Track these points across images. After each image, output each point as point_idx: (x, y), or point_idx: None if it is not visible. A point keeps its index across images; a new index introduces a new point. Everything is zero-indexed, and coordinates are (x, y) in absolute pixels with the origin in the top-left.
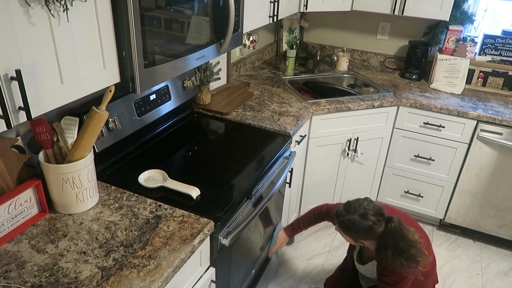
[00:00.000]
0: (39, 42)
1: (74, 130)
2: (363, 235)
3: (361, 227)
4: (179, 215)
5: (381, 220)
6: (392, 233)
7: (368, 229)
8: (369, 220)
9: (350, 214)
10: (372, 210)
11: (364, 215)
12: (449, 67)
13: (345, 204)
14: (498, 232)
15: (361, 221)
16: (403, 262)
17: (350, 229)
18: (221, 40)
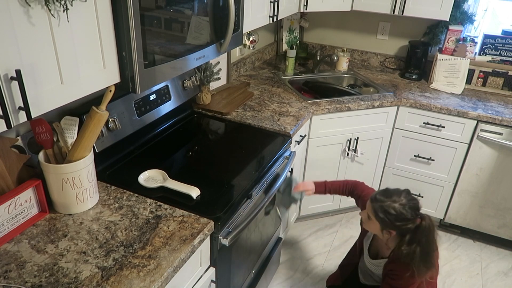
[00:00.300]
0: (39, 42)
1: (74, 130)
2: (394, 226)
3: (397, 217)
4: (179, 215)
5: (417, 215)
6: (425, 231)
7: (404, 220)
8: (408, 213)
9: (391, 201)
10: (412, 202)
11: (404, 205)
12: (449, 67)
13: (385, 190)
14: (498, 232)
15: (401, 211)
16: (420, 265)
17: (385, 216)
18: (221, 40)
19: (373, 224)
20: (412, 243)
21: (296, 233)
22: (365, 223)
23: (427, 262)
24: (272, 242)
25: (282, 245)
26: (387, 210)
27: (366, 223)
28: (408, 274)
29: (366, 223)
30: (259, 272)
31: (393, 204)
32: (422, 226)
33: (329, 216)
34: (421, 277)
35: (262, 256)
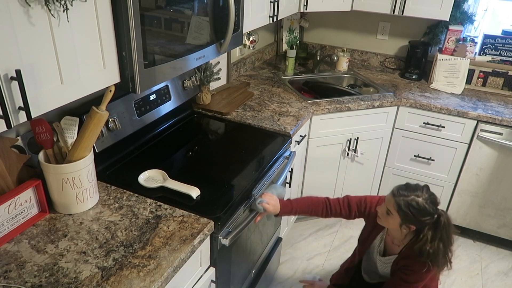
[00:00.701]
0: (39, 42)
1: (74, 130)
2: (415, 220)
3: (420, 211)
4: (179, 215)
5: (437, 210)
6: (445, 226)
7: (426, 215)
8: (430, 207)
9: (415, 196)
10: (432, 197)
11: (426, 200)
12: (449, 67)
13: (406, 185)
14: (498, 232)
15: (424, 205)
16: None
17: (408, 210)
18: (221, 40)
19: (392, 219)
20: (435, 240)
21: (296, 233)
22: (382, 218)
23: (447, 256)
24: (272, 242)
25: (282, 245)
26: (410, 204)
27: (383, 218)
28: (425, 270)
29: (383, 219)
30: (259, 272)
31: (417, 198)
32: (442, 222)
33: None
34: (440, 270)
35: (262, 256)
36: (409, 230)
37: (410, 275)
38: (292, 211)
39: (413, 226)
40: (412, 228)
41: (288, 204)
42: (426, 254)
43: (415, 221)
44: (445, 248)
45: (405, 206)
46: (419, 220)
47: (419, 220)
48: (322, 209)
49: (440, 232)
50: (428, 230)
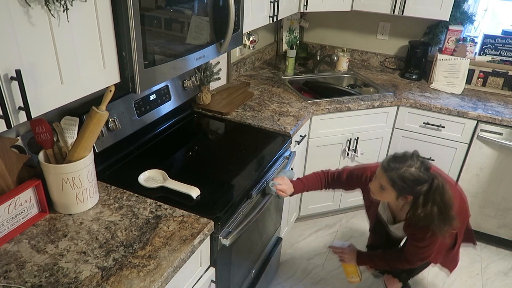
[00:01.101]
0: (39, 42)
1: (74, 130)
2: (412, 190)
3: (416, 181)
4: (179, 215)
5: (431, 175)
6: (438, 189)
7: (421, 183)
8: (424, 174)
9: (407, 167)
10: (424, 163)
11: (419, 168)
12: (449, 67)
13: (393, 157)
14: (498, 232)
15: (418, 174)
16: (441, 223)
17: (403, 183)
18: (221, 40)
19: (387, 193)
20: (427, 204)
21: (296, 233)
22: (376, 194)
23: (446, 219)
24: (272, 242)
25: (282, 245)
26: (405, 176)
27: (378, 193)
28: (429, 235)
29: (378, 194)
30: (259, 272)
31: (410, 169)
32: (435, 185)
33: (329, 216)
34: (443, 233)
35: (262, 256)
36: (407, 200)
37: (418, 241)
38: (304, 189)
39: (410, 196)
40: (409, 198)
41: (300, 183)
42: (419, 219)
43: (411, 191)
44: (441, 212)
45: (399, 179)
46: (416, 190)
47: (415, 190)
48: (321, 182)
49: (432, 195)
50: (421, 198)
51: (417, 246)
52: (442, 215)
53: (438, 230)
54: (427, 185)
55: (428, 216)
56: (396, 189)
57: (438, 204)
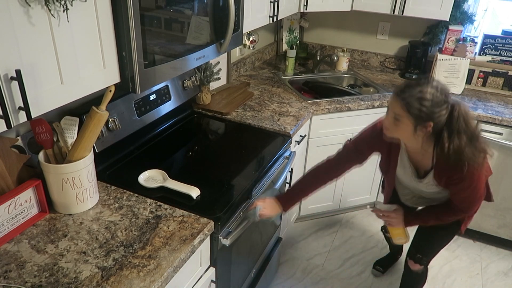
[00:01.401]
0: (39, 42)
1: (74, 130)
2: (431, 115)
3: (434, 102)
4: (179, 215)
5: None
6: (461, 115)
7: (440, 105)
8: (442, 94)
9: (423, 87)
10: (440, 84)
11: (437, 88)
12: (449, 67)
13: (406, 83)
14: (498, 232)
15: (436, 94)
16: (473, 152)
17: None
18: (221, 40)
19: (403, 124)
20: (453, 135)
21: (296, 233)
22: (390, 129)
23: (477, 147)
24: (272, 242)
25: (282, 245)
26: (422, 97)
27: (392, 128)
28: (466, 170)
29: (392, 129)
30: (259, 272)
31: (426, 89)
32: (457, 112)
33: (329, 216)
34: (481, 164)
35: (262, 256)
36: (427, 131)
37: (459, 183)
38: (298, 199)
39: (429, 123)
40: (429, 126)
41: (289, 198)
42: (449, 155)
43: (430, 116)
44: (470, 140)
45: (416, 101)
46: (435, 114)
47: (435, 114)
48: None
49: (456, 124)
50: (444, 130)
51: (462, 189)
52: (472, 143)
53: (473, 160)
54: (447, 111)
55: (458, 149)
56: (412, 115)
57: (465, 132)
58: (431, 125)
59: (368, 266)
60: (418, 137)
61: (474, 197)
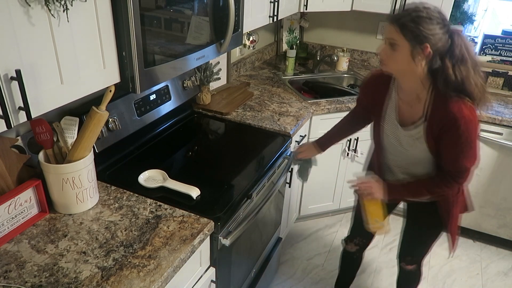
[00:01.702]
0: (39, 42)
1: (74, 130)
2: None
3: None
4: (179, 215)
5: (449, 24)
6: (464, 45)
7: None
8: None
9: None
10: (438, 9)
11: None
12: None
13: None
14: (498, 232)
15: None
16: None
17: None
18: (221, 40)
19: (399, 50)
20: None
21: (296, 233)
22: (387, 61)
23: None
24: (272, 242)
25: (282, 245)
26: (417, 16)
27: (389, 59)
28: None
29: (389, 60)
30: (259, 272)
31: (421, 6)
32: (458, 38)
33: (329, 216)
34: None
35: (262, 256)
36: (425, 55)
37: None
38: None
39: (426, 45)
40: (426, 49)
41: (323, 144)
42: (452, 84)
43: (427, 37)
44: (474, 69)
45: (411, 21)
46: (432, 34)
47: (431, 34)
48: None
49: (459, 52)
50: (447, 58)
51: (455, 142)
52: (476, 72)
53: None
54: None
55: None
56: (407, 36)
57: (471, 60)
58: (428, 48)
59: (368, 266)
60: (416, 66)
61: (467, 155)
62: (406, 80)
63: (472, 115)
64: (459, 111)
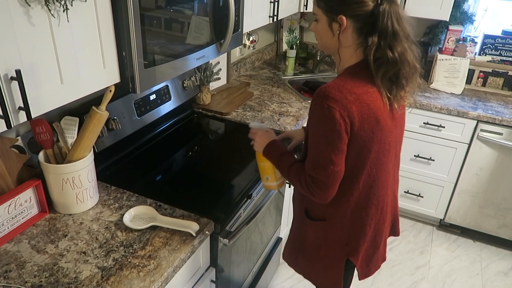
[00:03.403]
0: (39, 42)
1: (74, 130)
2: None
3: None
4: (179, 215)
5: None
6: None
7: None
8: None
9: None
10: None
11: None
12: (449, 67)
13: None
14: (498, 232)
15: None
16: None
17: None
18: (221, 40)
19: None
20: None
21: None
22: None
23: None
24: (272, 242)
25: (282, 245)
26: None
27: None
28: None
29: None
30: (259, 272)
31: None
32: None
33: None
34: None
35: (262, 256)
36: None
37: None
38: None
39: (340, 16)
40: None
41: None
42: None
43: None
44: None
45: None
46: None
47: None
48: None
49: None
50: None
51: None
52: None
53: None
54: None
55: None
56: (323, 9)
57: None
58: (343, 19)
59: None
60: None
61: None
62: (336, 57)
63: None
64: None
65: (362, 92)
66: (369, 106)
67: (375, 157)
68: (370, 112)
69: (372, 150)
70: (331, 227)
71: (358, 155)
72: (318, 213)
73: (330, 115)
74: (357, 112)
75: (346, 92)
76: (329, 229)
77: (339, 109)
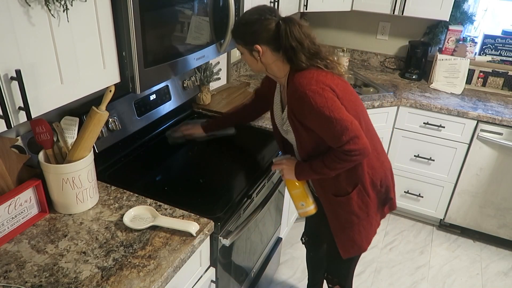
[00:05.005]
0: (39, 42)
1: (74, 130)
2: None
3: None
4: (179, 215)
5: (271, 16)
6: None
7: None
8: (256, 10)
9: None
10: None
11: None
12: (449, 67)
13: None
14: (498, 232)
15: (248, 13)
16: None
17: (237, 29)
18: (221, 40)
19: (245, 56)
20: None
21: (296, 233)
22: (248, 65)
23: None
24: (272, 242)
25: (282, 245)
26: (237, 25)
27: (248, 63)
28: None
29: (248, 63)
30: (259, 272)
31: (244, 14)
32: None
33: None
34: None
35: (262, 256)
36: (259, 53)
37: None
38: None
39: (256, 46)
40: (258, 49)
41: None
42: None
43: (252, 38)
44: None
45: (236, 31)
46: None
47: (254, 35)
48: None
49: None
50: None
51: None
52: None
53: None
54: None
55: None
56: (240, 43)
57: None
58: (258, 48)
59: (368, 266)
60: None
61: (337, 129)
62: (270, 74)
63: (317, 85)
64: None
65: (321, 74)
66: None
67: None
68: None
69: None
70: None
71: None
72: (344, 185)
73: (321, 91)
74: (333, 85)
75: (316, 78)
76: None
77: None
